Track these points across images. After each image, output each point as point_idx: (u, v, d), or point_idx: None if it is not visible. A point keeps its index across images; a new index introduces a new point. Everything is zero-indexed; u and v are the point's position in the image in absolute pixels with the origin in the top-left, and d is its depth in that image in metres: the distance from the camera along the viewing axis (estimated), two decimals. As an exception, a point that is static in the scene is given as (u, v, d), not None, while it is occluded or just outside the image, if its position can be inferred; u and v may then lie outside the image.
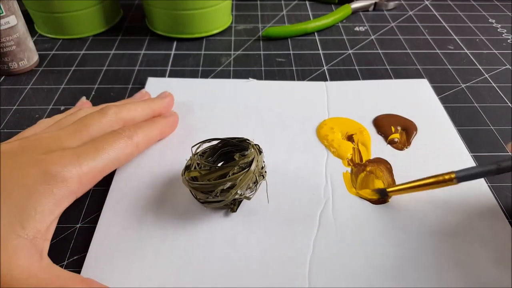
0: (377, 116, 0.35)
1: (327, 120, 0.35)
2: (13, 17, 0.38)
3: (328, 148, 0.32)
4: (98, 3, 0.46)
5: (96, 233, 0.26)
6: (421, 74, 0.42)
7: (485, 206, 0.28)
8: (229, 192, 0.25)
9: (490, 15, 0.54)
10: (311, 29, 0.49)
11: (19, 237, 0.21)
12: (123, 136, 0.28)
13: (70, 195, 0.23)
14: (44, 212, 0.22)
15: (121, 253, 0.25)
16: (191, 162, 0.27)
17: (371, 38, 0.48)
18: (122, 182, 0.29)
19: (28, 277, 0.20)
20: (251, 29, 0.50)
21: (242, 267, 0.24)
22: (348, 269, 0.24)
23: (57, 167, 0.23)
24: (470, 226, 0.27)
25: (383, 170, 0.30)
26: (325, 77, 0.41)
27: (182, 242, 0.26)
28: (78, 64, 0.43)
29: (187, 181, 0.26)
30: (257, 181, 0.26)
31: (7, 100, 0.38)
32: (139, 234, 0.26)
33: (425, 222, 0.27)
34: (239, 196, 0.25)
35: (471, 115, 0.36)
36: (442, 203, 0.28)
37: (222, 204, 0.26)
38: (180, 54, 0.45)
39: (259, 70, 0.42)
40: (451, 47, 0.47)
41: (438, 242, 0.26)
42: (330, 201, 0.28)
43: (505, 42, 0.48)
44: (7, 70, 0.41)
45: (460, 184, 0.29)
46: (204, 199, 0.26)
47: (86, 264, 0.24)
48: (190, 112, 0.36)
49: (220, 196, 0.25)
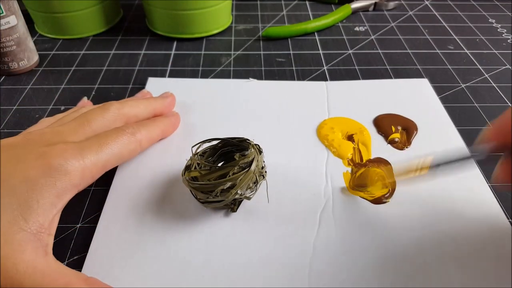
0: (378, 116, 0.35)
1: (328, 120, 0.35)
2: (13, 17, 0.38)
3: (329, 148, 0.32)
4: (98, 3, 0.46)
5: (96, 233, 0.26)
6: (421, 74, 0.42)
7: (485, 206, 0.28)
8: (229, 192, 0.25)
9: (490, 15, 0.54)
10: (311, 29, 0.49)
11: (22, 231, 0.21)
12: (126, 133, 0.28)
13: (72, 188, 0.24)
14: (46, 205, 0.22)
15: (121, 253, 0.25)
16: (191, 162, 0.27)
17: (371, 38, 0.48)
18: (122, 182, 0.29)
19: (34, 272, 0.20)
20: (251, 29, 0.50)
21: (242, 267, 0.24)
22: (348, 269, 0.24)
23: (60, 160, 0.23)
24: (470, 226, 0.27)
25: (383, 169, 0.30)
26: (325, 77, 0.41)
27: (182, 242, 0.26)
28: (78, 64, 0.43)
29: (187, 181, 0.26)
30: (257, 181, 0.26)
31: (7, 100, 0.38)
32: (139, 234, 0.26)
33: (425, 222, 0.27)
34: (239, 196, 0.25)
35: (471, 115, 0.36)
36: (441, 203, 0.28)
37: (222, 204, 0.26)
38: (180, 54, 0.45)
39: (259, 70, 0.42)
40: (451, 47, 0.47)
41: (438, 242, 0.26)
42: (330, 201, 0.28)
43: (505, 42, 0.48)
44: (7, 70, 0.41)
45: (460, 184, 0.29)
46: (204, 199, 0.26)
47: (86, 264, 0.24)
48: (190, 112, 0.36)
49: (220, 196, 0.25)
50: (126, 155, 0.28)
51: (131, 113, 0.30)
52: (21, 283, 0.20)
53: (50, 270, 0.21)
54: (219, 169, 0.26)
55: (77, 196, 0.25)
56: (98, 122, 0.28)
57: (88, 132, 0.27)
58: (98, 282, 0.22)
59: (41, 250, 0.21)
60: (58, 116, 0.30)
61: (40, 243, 0.21)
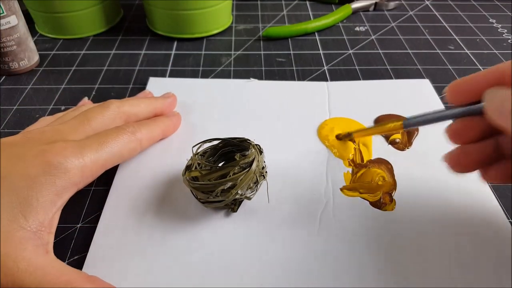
0: (378, 116, 0.35)
1: (328, 120, 0.35)
2: (13, 17, 0.38)
3: (330, 149, 0.32)
4: (99, 3, 0.46)
5: (96, 233, 0.26)
6: (422, 74, 0.42)
7: (485, 206, 0.28)
8: (229, 192, 0.25)
9: (490, 15, 0.54)
10: (312, 29, 0.49)
11: (22, 229, 0.21)
12: (127, 132, 0.28)
13: (72, 187, 0.24)
14: (46, 203, 0.22)
15: (122, 253, 0.25)
16: (192, 162, 0.27)
17: (372, 38, 0.48)
18: (123, 182, 0.29)
19: (35, 270, 0.20)
20: (251, 29, 0.50)
21: (243, 267, 0.24)
22: (348, 269, 0.24)
23: (60, 158, 0.23)
24: (470, 226, 0.27)
25: (384, 170, 0.30)
26: (326, 77, 0.41)
27: (182, 242, 0.26)
28: (78, 64, 0.43)
29: (188, 181, 0.26)
30: (258, 181, 0.26)
31: (8, 100, 0.38)
32: (139, 234, 0.26)
33: (425, 222, 0.27)
34: (240, 196, 0.25)
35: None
36: (442, 203, 0.28)
37: (223, 204, 0.26)
38: (181, 54, 0.45)
39: (259, 70, 0.42)
40: (451, 47, 0.47)
41: (438, 242, 0.26)
42: (331, 201, 0.28)
43: (506, 42, 0.48)
44: (8, 70, 0.41)
45: (460, 184, 0.29)
46: (205, 199, 0.26)
47: (87, 263, 0.24)
48: (191, 112, 0.36)
49: (221, 196, 0.25)
50: (126, 154, 0.28)
51: (131, 111, 0.30)
52: (22, 281, 0.20)
53: (51, 268, 0.21)
54: (219, 169, 0.26)
55: (77, 196, 0.25)
56: (98, 121, 0.28)
57: (88, 131, 0.27)
58: (100, 281, 0.22)
59: (42, 248, 0.21)
60: (58, 115, 0.30)
61: (40, 241, 0.21)
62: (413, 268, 0.24)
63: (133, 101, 0.31)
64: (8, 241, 0.20)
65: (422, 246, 0.25)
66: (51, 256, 0.22)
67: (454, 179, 0.29)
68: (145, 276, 0.24)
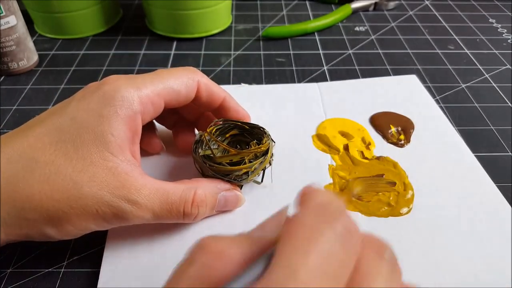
0: (373, 115, 0.35)
1: (326, 122, 0.35)
2: (12, 17, 0.38)
3: (330, 151, 0.32)
4: (98, 3, 0.46)
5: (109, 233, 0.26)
6: (421, 74, 0.42)
7: (489, 206, 0.28)
8: (242, 177, 0.26)
9: (490, 15, 0.54)
10: (311, 29, 0.49)
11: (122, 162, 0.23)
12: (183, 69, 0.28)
13: (135, 115, 0.24)
14: (120, 136, 0.23)
15: (121, 253, 0.25)
16: (204, 138, 0.27)
17: (371, 38, 0.48)
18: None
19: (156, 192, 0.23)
20: (251, 29, 0.50)
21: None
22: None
23: (114, 87, 0.24)
24: (470, 225, 0.27)
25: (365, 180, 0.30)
26: (325, 77, 0.41)
27: (182, 242, 0.25)
28: (77, 64, 0.43)
29: (202, 160, 0.26)
30: (265, 168, 0.28)
31: (7, 100, 0.38)
32: (139, 234, 0.26)
33: (425, 222, 0.27)
34: (247, 181, 0.27)
35: (471, 115, 0.36)
36: (442, 203, 0.28)
37: (226, 178, 0.27)
38: (180, 54, 0.45)
39: (259, 70, 0.42)
40: (451, 47, 0.47)
41: (438, 242, 0.26)
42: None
43: (505, 42, 0.48)
44: (7, 70, 0.41)
45: (462, 184, 0.29)
46: (212, 175, 0.27)
47: (104, 265, 0.24)
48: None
49: (234, 180, 0.27)
50: (183, 91, 0.27)
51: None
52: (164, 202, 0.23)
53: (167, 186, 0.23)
54: (236, 154, 0.26)
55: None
56: None
57: None
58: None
59: (143, 173, 0.23)
60: None
61: (140, 170, 0.23)
62: (413, 268, 0.24)
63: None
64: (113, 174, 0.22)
65: (422, 246, 0.25)
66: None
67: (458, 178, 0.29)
68: (144, 275, 0.24)
